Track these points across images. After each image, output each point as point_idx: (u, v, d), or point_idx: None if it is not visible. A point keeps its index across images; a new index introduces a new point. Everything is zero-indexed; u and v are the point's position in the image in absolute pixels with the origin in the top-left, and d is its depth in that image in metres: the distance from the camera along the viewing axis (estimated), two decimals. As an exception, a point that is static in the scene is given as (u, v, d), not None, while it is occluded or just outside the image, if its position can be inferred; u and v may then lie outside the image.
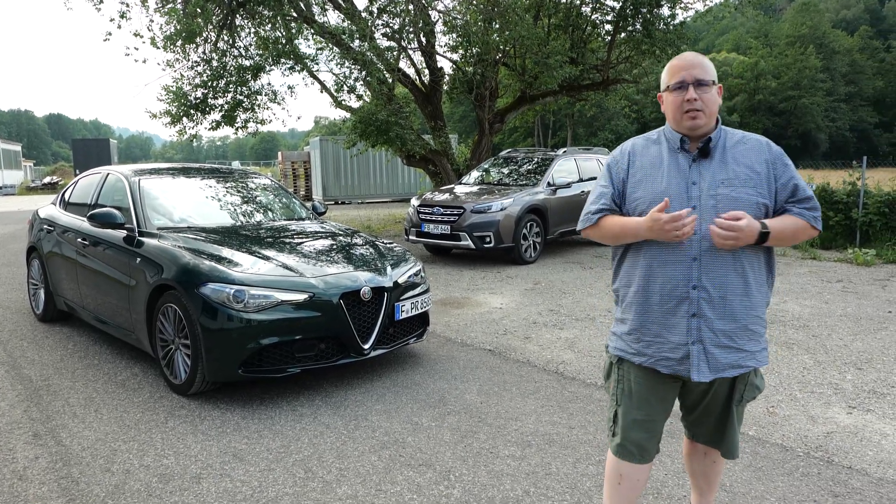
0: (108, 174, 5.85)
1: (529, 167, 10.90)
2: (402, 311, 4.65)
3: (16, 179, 51.59)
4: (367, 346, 4.39)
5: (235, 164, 57.91)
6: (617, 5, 13.33)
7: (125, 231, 4.93)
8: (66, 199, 6.39)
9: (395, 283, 4.65)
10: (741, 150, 2.13)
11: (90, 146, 43.60)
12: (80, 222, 5.61)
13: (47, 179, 44.79)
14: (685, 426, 2.45)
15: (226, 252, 4.48)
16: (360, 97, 12.55)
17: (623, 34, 13.70)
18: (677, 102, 2.12)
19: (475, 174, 11.37)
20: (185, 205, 5.42)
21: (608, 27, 14.17)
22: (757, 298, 2.13)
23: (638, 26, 13.23)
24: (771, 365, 4.86)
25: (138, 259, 4.65)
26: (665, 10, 13.19)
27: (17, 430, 3.82)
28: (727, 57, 67.21)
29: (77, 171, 41.96)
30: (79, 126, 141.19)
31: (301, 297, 4.15)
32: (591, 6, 13.82)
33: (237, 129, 12.75)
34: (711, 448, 2.39)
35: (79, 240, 5.49)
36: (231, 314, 4.01)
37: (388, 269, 4.73)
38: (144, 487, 3.12)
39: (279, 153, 29.53)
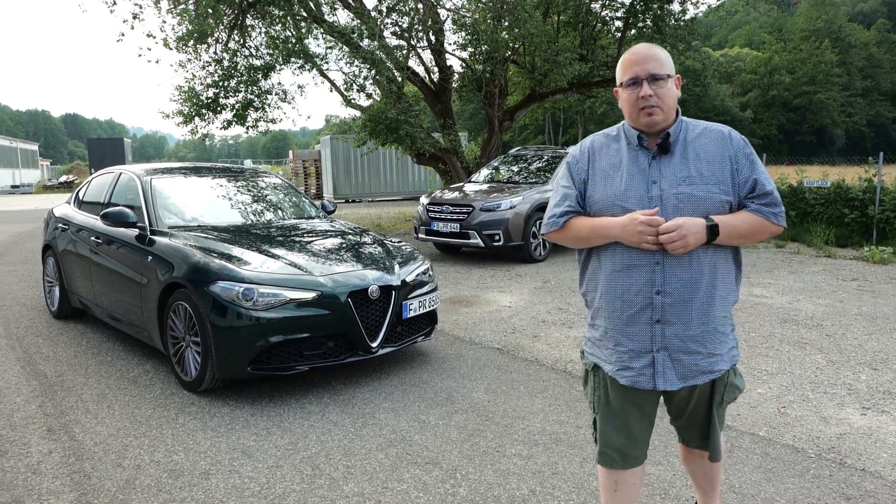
0: (121, 173, 5.90)
1: (539, 165, 10.88)
2: (410, 310, 4.66)
3: (33, 178, 52.20)
4: (375, 345, 4.41)
5: (247, 163, 58.20)
6: (627, 1, 13.27)
7: (137, 230, 4.98)
8: (81, 197, 6.46)
9: (404, 281, 4.66)
10: (702, 143, 2.03)
11: (105, 145, 44.00)
12: (94, 221, 5.67)
13: (63, 178, 45.25)
14: (676, 430, 2.39)
15: (236, 250, 4.51)
16: (369, 96, 12.58)
17: (633, 30, 13.63)
18: (632, 99, 2.01)
19: (485, 172, 11.36)
20: (196, 204, 5.46)
21: (618, 23, 14.11)
22: (725, 299, 2.05)
23: (648, 22, 13.17)
24: (783, 365, 4.83)
25: (150, 257, 4.69)
26: (676, 6, 13.13)
27: (32, 424, 3.88)
28: (740, 52, 66.66)
29: (92, 170, 42.38)
30: (94, 125, 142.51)
31: (310, 295, 4.18)
32: (600, 3, 13.77)
33: (248, 129, 12.82)
34: (702, 451, 2.32)
35: (92, 238, 5.54)
36: (240, 312, 4.04)
37: (397, 267, 4.74)
38: (155, 483, 3.15)
39: (290, 152, 29.67)
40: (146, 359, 5.14)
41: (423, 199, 10.20)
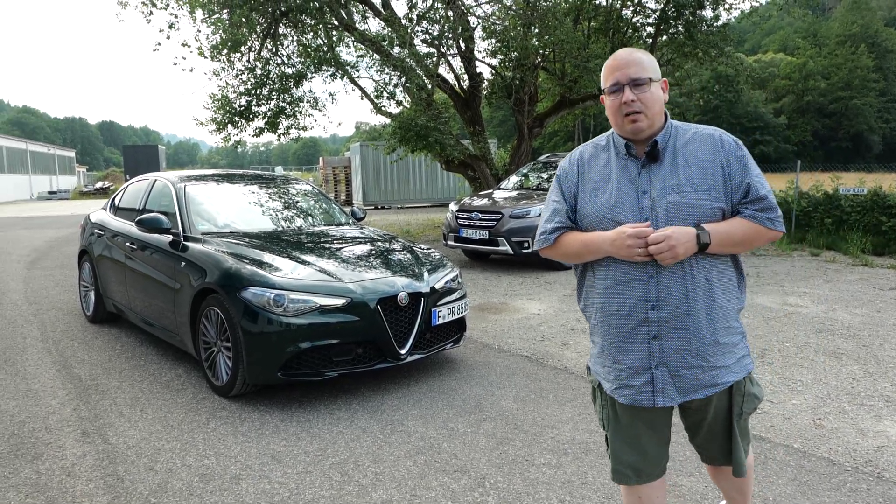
0: (156, 180, 6.02)
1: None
2: (439, 317, 4.66)
3: (70, 184, 53.50)
4: (403, 351, 4.42)
5: (278, 170, 58.94)
6: (658, 7, 13.15)
7: (171, 236, 5.07)
8: (116, 204, 6.60)
9: (433, 288, 4.67)
10: (692, 149, 1.95)
11: (140, 152, 45.01)
12: (129, 227, 5.79)
13: (99, 184, 46.33)
14: (697, 451, 2.26)
15: (267, 257, 4.56)
16: (399, 103, 12.65)
17: (665, 37, 13.50)
18: (615, 106, 1.95)
19: (514, 179, 11.34)
20: (228, 210, 5.55)
21: (649, 29, 13.98)
22: (726, 308, 1.96)
23: (680, 28, 13.02)
24: (818, 375, 4.72)
25: (183, 263, 4.77)
26: (708, 12, 12.96)
27: (67, 427, 3.96)
28: (774, 58, 65.59)
29: (127, 177, 43.35)
30: (129, 133, 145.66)
31: (339, 301, 4.20)
32: (632, 9, 13.67)
33: (280, 136, 12.99)
34: (727, 467, 2.20)
35: (127, 244, 5.66)
36: (271, 318, 4.09)
37: (426, 274, 4.75)
38: (186, 487, 3.20)
39: (321, 158, 29.98)
40: (178, 363, 5.22)
41: (453, 206, 10.22)
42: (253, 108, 12.40)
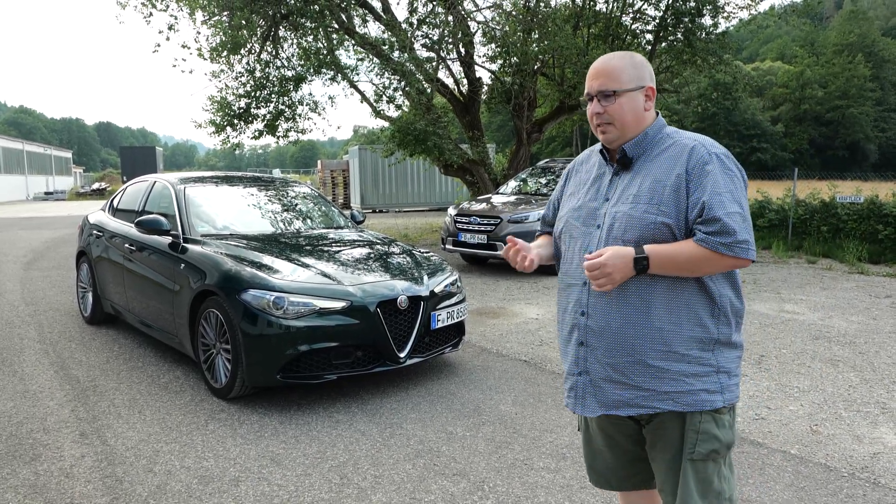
0: (156, 182, 6.02)
1: (567, 177, 10.84)
2: (439, 321, 4.67)
3: (66, 185, 53.41)
4: (402, 355, 4.43)
5: (276, 172, 58.91)
6: (658, 15, 13.22)
7: (170, 237, 5.07)
8: (115, 205, 6.60)
9: (432, 292, 4.68)
10: (660, 160, 1.84)
11: (137, 154, 44.96)
12: (128, 228, 5.79)
13: (96, 185, 46.24)
14: None
15: (266, 259, 4.57)
16: (399, 107, 12.68)
17: (664, 44, 13.56)
18: (588, 115, 1.92)
19: (512, 184, 11.36)
20: (227, 212, 5.55)
21: (648, 37, 14.05)
22: (667, 332, 1.79)
23: (679, 36, 13.08)
24: (815, 382, 4.74)
25: (182, 265, 4.77)
26: (707, 20, 13.03)
27: (65, 428, 3.95)
28: (772, 66, 65.90)
29: (124, 178, 43.25)
30: (126, 134, 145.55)
31: (339, 304, 4.21)
32: (631, 16, 13.73)
33: (279, 138, 13.00)
34: None
35: (126, 245, 5.66)
36: (271, 320, 4.09)
37: (425, 278, 4.76)
38: (185, 488, 3.19)
39: (319, 162, 30.00)
40: (176, 365, 5.21)
41: (451, 210, 10.23)
42: (252, 110, 12.42)
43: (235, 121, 12.35)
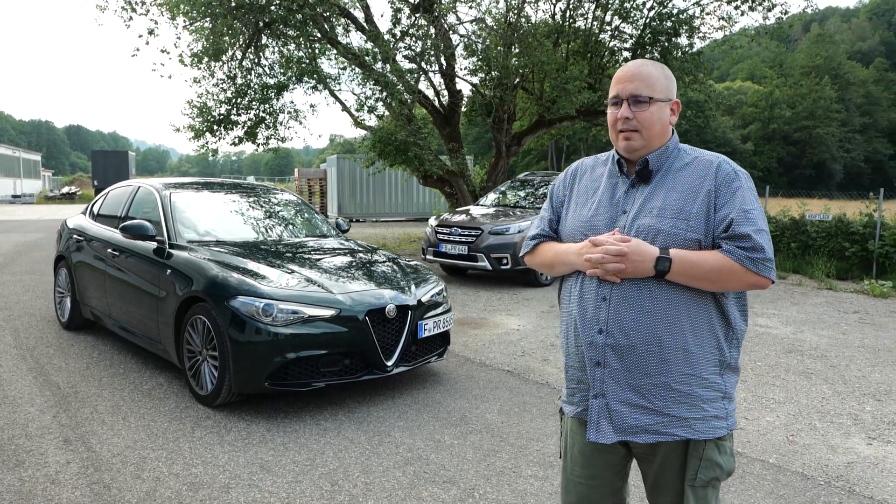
0: (140, 187, 5.99)
1: (546, 190, 10.99)
2: (425, 330, 4.71)
3: (35, 188, 52.31)
4: (390, 363, 4.46)
5: (251, 179, 58.47)
6: (636, 33, 13.51)
7: (156, 243, 5.04)
8: (96, 210, 6.53)
9: (419, 301, 4.72)
10: (684, 174, 1.79)
11: (109, 158, 44.19)
12: (111, 233, 5.74)
13: (66, 189, 45.38)
14: None
15: (255, 266, 4.58)
16: (380, 117, 12.74)
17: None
18: (612, 120, 1.83)
19: (492, 196, 11.48)
20: (214, 219, 5.54)
21: (626, 54, 14.34)
22: (692, 354, 1.74)
23: (656, 54, 13.38)
24: (789, 394, 4.88)
25: (168, 271, 4.75)
26: (683, 39, 13.37)
27: (48, 434, 3.90)
28: (742, 86, 67.47)
29: (95, 182, 42.49)
30: (97, 138, 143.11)
31: (328, 312, 4.24)
32: (609, 33, 14.01)
33: (259, 146, 12.96)
34: None
35: (109, 250, 5.61)
36: (259, 327, 4.10)
37: (413, 287, 4.81)
38: (175, 495, 3.18)
39: (296, 170, 29.87)
40: (158, 372, 5.17)
41: (432, 221, 10.30)
42: (232, 116, 12.37)
43: (215, 127, 12.29)
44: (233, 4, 10.92)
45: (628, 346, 1.75)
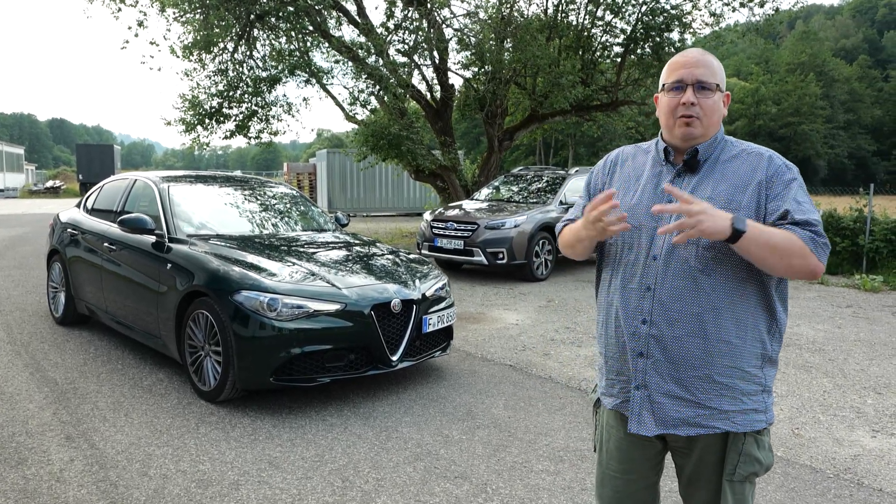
0: (136, 180, 5.90)
1: (539, 185, 10.99)
2: (430, 325, 4.69)
3: (18, 182, 51.58)
4: (395, 358, 4.43)
5: (237, 174, 58.03)
6: (628, 28, 13.53)
7: (155, 237, 4.97)
8: (90, 204, 6.42)
9: (423, 296, 4.69)
10: (733, 165, 1.78)
11: (94, 151, 43.70)
12: (107, 227, 5.65)
13: (50, 183, 44.85)
14: (683, 502, 1.98)
15: (257, 260, 4.52)
16: (373, 111, 12.67)
17: (633, 56, 13.88)
18: (672, 105, 1.79)
19: (486, 191, 11.46)
20: (213, 212, 5.47)
21: (618, 49, 14.36)
22: (735, 346, 1.73)
23: (647, 49, 13.42)
24: (791, 387, 4.91)
25: (168, 265, 4.68)
26: (675, 35, 13.40)
27: (49, 432, 3.84)
28: (728, 82, 67.81)
29: (80, 176, 41.95)
30: (81, 131, 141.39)
31: (333, 307, 4.20)
32: (601, 28, 14.02)
33: (250, 140, 12.85)
34: None
35: (105, 244, 5.52)
36: (264, 322, 4.05)
37: (417, 282, 4.78)
38: (184, 492, 3.14)
39: (285, 164, 29.70)
40: (158, 367, 5.11)
41: (427, 216, 10.26)
42: (224, 110, 12.25)
43: (207, 120, 12.16)
44: (225, -4, 10.80)
45: (673, 338, 1.73)
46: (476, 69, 13.18)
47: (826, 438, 3.97)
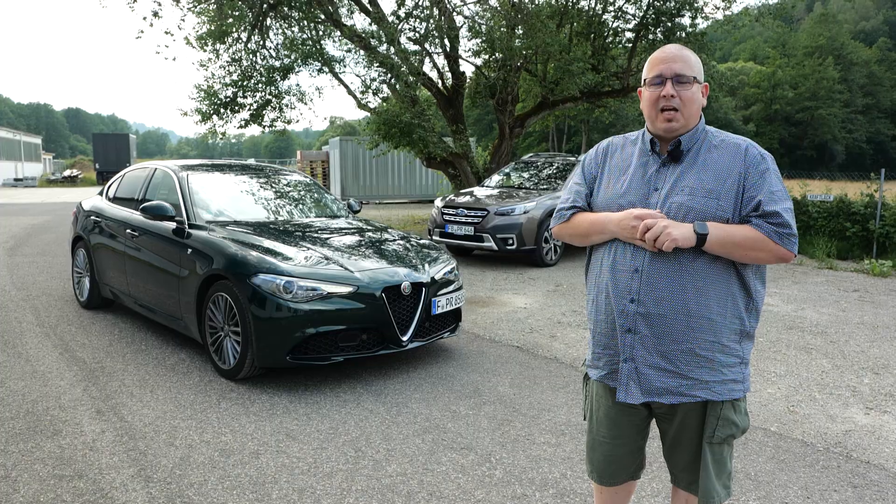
0: (156, 169, 6.12)
1: (550, 172, 11.12)
2: (438, 307, 4.88)
3: (36, 172, 52.33)
4: (405, 339, 4.63)
5: (251, 162, 58.45)
6: (639, 14, 13.55)
7: (175, 223, 5.19)
8: (113, 191, 6.66)
9: (433, 278, 4.88)
10: (714, 156, 1.92)
11: (109, 141, 44.25)
12: (129, 214, 5.89)
13: (67, 172, 45.44)
14: (666, 464, 2.17)
15: (275, 245, 4.73)
16: (385, 99, 12.82)
17: (644, 42, 13.90)
18: (653, 98, 1.93)
19: (496, 178, 11.59)
20: (231, 199, 5.68)
21: (629, 34, 14.38)
22: (715, 323, 1.89)
23: (659, 35, 13.43)
24: (790, 368, 5.05)
25: (189, 250, 4.90)
26: (686, 20, 13.41)
27: (80, 406, 4.08)
28: (744, 66, 67.12)
29: (96, 165, 42.50)
30: (96, 120, 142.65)
31: (346, 289, 4.40)
32: (612, 14, 14.05)
33: (265, 128, 13.07)
34: (691, 495, 2.08)
35: (127, 231, 5.75)
36: (280, 304, 4.26)
37: (427, 265, 4.97)
38: (208, 460, 3.36)
39: (298, 152, 29.95)
40: (180, 348, 5.35)
41: (438, 202, 10.43)
42: (239, 99, 12.46)
43: (222, 110, 12.39)
44: (238, -14, 10.98)
45: (658, 315, 1.89)
46: (487, 56, 13.29)
47: (820, 415, 4.12)
